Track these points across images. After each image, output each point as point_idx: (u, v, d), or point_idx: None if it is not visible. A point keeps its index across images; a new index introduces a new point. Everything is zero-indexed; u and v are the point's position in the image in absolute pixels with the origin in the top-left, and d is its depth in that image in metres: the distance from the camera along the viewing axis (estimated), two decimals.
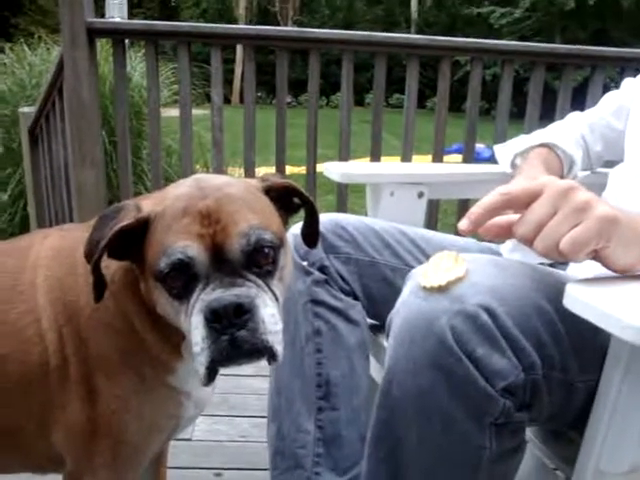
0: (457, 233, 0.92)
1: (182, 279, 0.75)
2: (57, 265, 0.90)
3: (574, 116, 1.45)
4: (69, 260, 0.90)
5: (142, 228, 0.79)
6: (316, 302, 1.17)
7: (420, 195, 1.42)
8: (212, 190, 0.78)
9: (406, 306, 0.78)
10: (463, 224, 0.74)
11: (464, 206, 2.61)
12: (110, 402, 0.88)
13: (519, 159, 1.36)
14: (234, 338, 0.72)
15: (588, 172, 1.43)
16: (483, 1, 21.19)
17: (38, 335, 0.87)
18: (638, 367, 0.68)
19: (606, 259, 0.70)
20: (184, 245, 0.73)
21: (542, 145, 1.31)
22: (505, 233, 0.75)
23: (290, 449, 1.16)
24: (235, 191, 0.80)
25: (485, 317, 0.72)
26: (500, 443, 0.76)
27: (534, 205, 0.70)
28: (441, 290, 0.74)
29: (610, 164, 1.38)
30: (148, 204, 0.81)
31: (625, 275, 0.71)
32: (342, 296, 1.19)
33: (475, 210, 0.74)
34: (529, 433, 0.92)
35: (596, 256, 0.70)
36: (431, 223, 2.48)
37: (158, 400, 0.92)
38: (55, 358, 0.87)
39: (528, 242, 0.71)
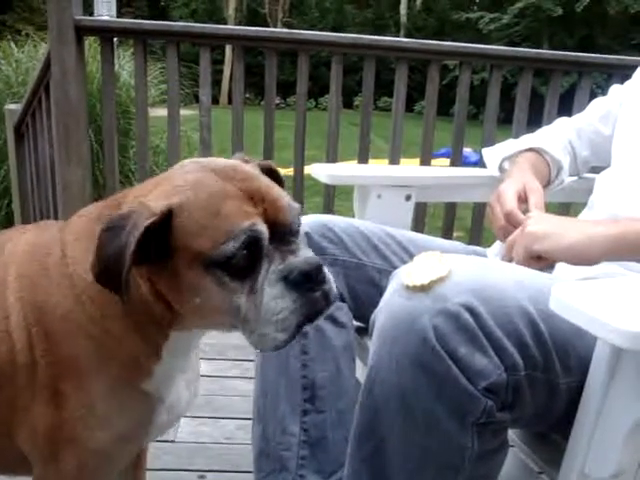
0: (444, 236, 0.94)
1: (250, 257, 0.76)
2: (29, 263, 0.88)
3: (562, 121, 1.46)
4: (42, 259, 0.87)
5: (163, 225, 0.75)
6: None
7: (407, 198, 1.42)
8: (233, 172, 0.80)
9: (389, 305, 0.79)
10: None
11: (451, 209, 2.62)
12: (77, 407, 0.85)
13: (507, 163, 1.37)
14: (325, 293, 0.79)
15: (575, 177, 1.44)
16: (472, 6, 21.34)
17: (6, 332, 0.85)
18: (623, 370, 0.68)
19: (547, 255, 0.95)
20: (250, 224, 0.75)
21: (530, 149, 1.32)
22: None
23: (275, 451, 1.15)
24: (251, 170, 0.83)
25: (467, 316, 0.73)
26: (482, 443, 0.77)
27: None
28: (424, 289, 0.75)
29: (596, 170, 1.39)
30: (154, 200, 0.77)
31: (611, 279, 0.72)
32: None
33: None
34: (514, 436, 0.92)
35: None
36: (418, 226, 2.48)
37: (129, 406, 0.89)
38: (23, 357, 0.84)
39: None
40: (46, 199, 2.86)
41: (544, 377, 0.79)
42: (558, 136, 1.38)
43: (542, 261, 0.96)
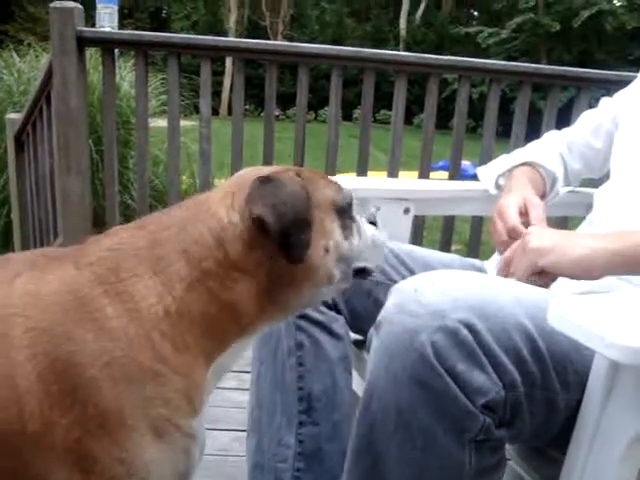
0: (442, 249, 0.94)
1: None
2: (42, 313, 0.75)
3: (552, 135, 1.47)
4: (65, 305, 0.75)
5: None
6: (299, 315, 1.16)
7: (406, 211, 1.43)
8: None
9: (387, 321, 0.79)
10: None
11: (449, 223, 2.63)
12: (110, 468, 0.73)
13: (502, 179, 1.37)
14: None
15: (570, 192, 1.44)
16: (471, 21, 21.48)
17: (7, 398, 0.72)
18: (621, 385, 0.68)
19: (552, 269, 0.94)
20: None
21: (524, 163, 1.33)
22: None
23: (270, 463, 1.15)
24: None
25: (466, 333, 0.73)
26: (480, 460, 0.76)
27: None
28: None
29: (593, 184, 1.40)
30: (272, 170, 0.85)
31: (610, 293, 0.72)
32: (325, 310, 1.18)
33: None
34: (511, 451, 0.92)
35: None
36: (416, 239, 2.48)
37: (171, 454, 0.77)
38: (34, 423, 0.72)
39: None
40: (45, 208, 2.87)
41: (542, 394, 0.78)
42: (549, 149, 1.39)
43: (544, 276, 0.95)
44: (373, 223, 0.97)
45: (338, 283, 0.87)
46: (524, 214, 1.15)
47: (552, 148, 1.40)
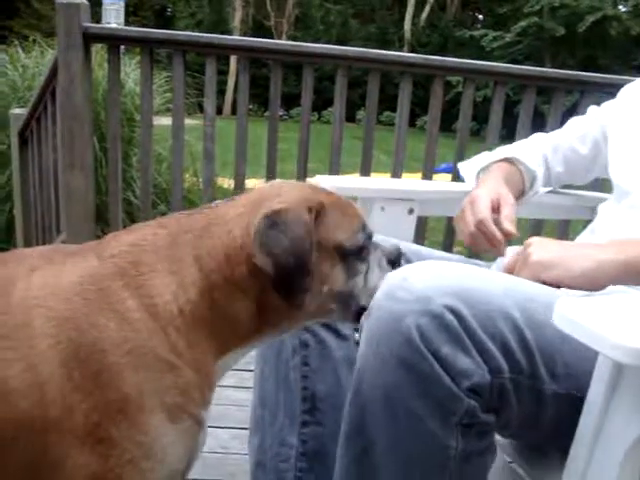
0: (444, 250, 0.95)
1: (368, 245, 0.91)
2: (64, 303, 0.77)
3: (538, 136, 1.47)
4: (81, 297, 0.78)
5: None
6: None
7: (410, 211, 1.43)
8: (319, 187, 0.93)
9: (376, 307, 0.81)
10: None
11: (452, 224, 2.62)
12: (128, 451, 0.76)
13: (482, 174, 1.37)
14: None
15: (549, 193, 1.45)
16: (475, 24, 21.48)
17: (30, 385, 0.74)
18: (624, 386, 0.68)
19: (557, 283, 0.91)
20: (365, 221, 0.91)
21: (505, 160, 1.33)
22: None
23: (272, 462, 1.15)
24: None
25: (451, 317, 0.75)
26: (466, 444, 0.78)
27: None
28: None
29: (576, 187, 1.41)
30: (288, 203, 0.83)
31: (613, 295, 0.72)
32: None
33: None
34: (513, 452, 0.92)
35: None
36: (418, 241, 2.47)
37: (184, 439, 0.82)
38: (55, 409, 0.74)
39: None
40: (48, 204, 2.87)
41: (530, 383, 0.80)
42: (533, 148, 1.39)
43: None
44: (393, 262, 0.94)
45: (338, 316, 0.91)
46: (496, 210, 1.14)
47: (536, 148, 1.40)
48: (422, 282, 0.78)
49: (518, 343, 0.78)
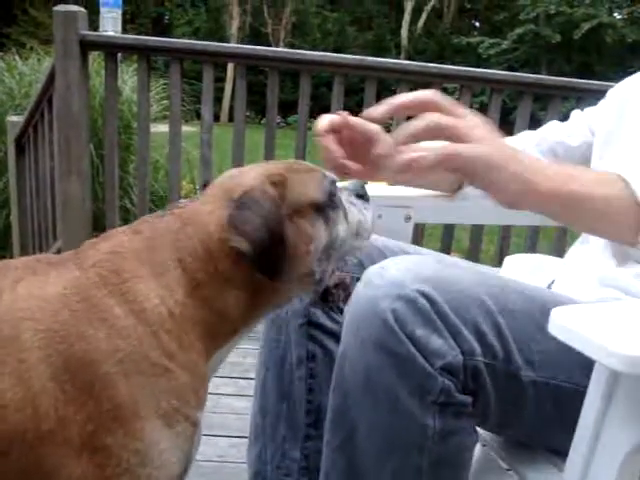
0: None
1: (334, 189, 0.92)
2: (51, 315, 0.76)
3: (525, 133, 1.45)
4: (75, 306, 0.77)
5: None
6: (312, 324, 1.12)
7: (407, 218, 1.42)
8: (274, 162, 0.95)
9: (355, 295, 0.84)
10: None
11: (449, 230, 2.63)
12: (125, 459, 0.75)
13: None
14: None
15: None
16: (472, 31, 21.59)
17: (21, 400, 0.73)
18: (621, 395, 0.68)
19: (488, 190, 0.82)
20: (323, 170, 0.93)
21: None
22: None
23: (273, 475, 1.13)
24: None
25: (423, 302, 0.78)
26: (443, 423, 0.79)
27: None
28: None
29: None
30: (253, 181, 0.84)
31: (609, 303, 0.72)
32: (340, 319, 1.13)
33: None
34: (496, 446, 0.92)
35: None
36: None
37: (180, 442, 0.81)
38: (49, 422, 0.73)
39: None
40: (45, 211, 2.87)
41: (504, 367, 0.81)
42: (516, 142, 1.36)
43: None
44: (361, 196, 0.98)
45: (315, 284, 0.91)
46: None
47: (519, 141, 1.37)
48: (397, 270, 0.81)
49: (491, 328, 0.80)
